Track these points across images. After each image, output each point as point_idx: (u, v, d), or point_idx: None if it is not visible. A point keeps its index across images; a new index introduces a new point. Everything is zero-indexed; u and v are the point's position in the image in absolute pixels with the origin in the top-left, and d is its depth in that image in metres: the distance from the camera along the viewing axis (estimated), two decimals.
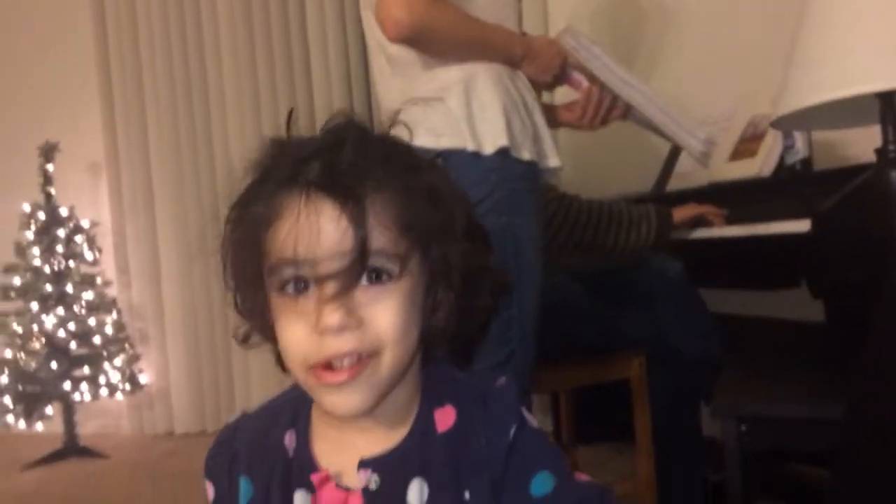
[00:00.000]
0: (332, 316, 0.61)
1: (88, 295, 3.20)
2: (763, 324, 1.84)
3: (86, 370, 3.15)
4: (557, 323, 1.50)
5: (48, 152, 3.21)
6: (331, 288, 0.62)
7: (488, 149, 1.32)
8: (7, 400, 3.09)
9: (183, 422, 3.43)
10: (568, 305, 1.72)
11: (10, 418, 3.10)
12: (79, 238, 3.23)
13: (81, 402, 3.21)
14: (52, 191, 3.22)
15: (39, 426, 3.15)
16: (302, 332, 0.63)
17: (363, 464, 0.68)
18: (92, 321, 3.19)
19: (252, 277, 0.67)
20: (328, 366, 0.63)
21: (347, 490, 0.68)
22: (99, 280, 3.27)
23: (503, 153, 1.32)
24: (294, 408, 0.74)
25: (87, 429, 3.34)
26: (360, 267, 0.62)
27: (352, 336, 0.62)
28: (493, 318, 0.76)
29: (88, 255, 3.24)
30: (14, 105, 3.64)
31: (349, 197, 0.62)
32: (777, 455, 1.77)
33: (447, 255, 0.67)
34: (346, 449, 0.69)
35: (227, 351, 3.37)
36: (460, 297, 0.69)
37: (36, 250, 3.15)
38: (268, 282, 0.66)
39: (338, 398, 0.64)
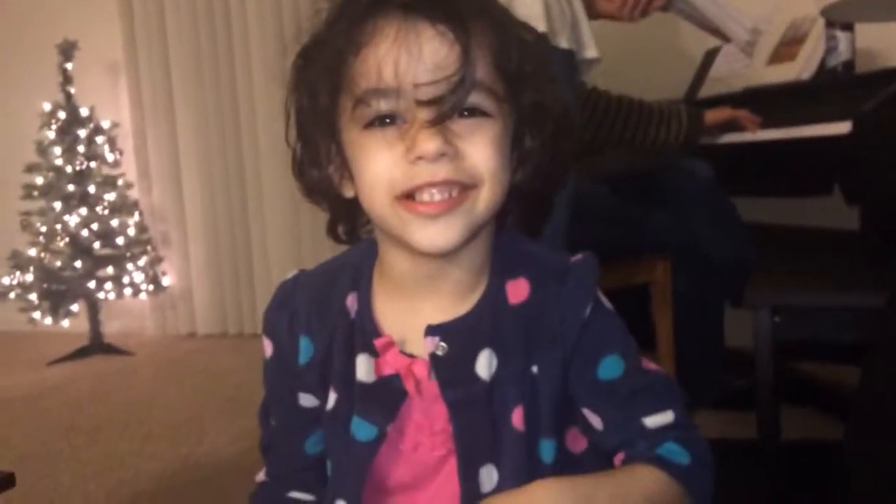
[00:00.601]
0: (431, 141, 0.57)
1: (110, 196, 3.21)
2: (794, 231, 1.81)
3: (109, 270, 3.18)
4: (581, 224, 1.48)
5: (67, 51, 3.16)
6: (429, 113, 0.57)
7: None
8: (33, 297, 3.15)
9: (205, 323, 3.50)
10: (592, 207, 1.70)
11: (36, 315, 3.17)
12: (99, 139, 3.21)
13: (106, 300, 3.27)
14: (72, 90, 3.19)
15: (66, 323, 3.22)
16: (389, 160, 0.59)
17: (431, 330, 0.65)
18: (114, 222, 3.21)
19: (325, 119, 0.63)
20: (415, 199, 0.59)
21: (412, 356, 0.66)
22: (120, 182, 3.27)
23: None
24: (355, 270, 0.70)
25: (111, 328, 3.41)
26: (466, 90, 0.58)
27: (449, 165, 0.58)
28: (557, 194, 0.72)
29: (109, 157, 3.24)
30: (30, 2, 3.56)
31: (453, 16, 0.57)
32: (798, 354, 1.77)
33: (541, 101, 0.63)
34: (411, 316, 0.66)
35: (248, 254, 3.40)
36: (547, 149, 0.65)
37: (57, 150, 3.14)
38: (349, 119, 0.61)
39: (431, 230, 0.59)
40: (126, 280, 3.21)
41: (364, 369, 0.66)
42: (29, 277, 3.16)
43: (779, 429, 1.10)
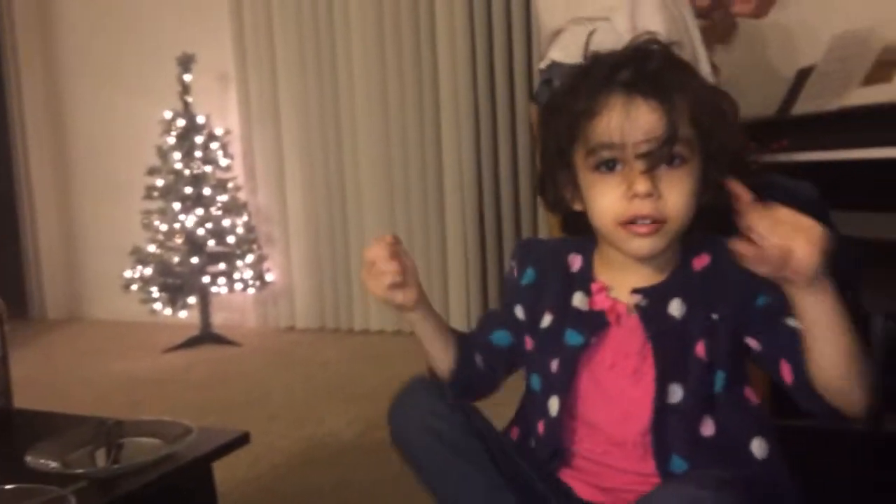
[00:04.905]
0: (644, 184, 0.84)
1: (223, 198, 3.47)
2: (890, 245, 1.92)
3: (221, 266, 3.45)
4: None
5: (185, 63, 3.42)
6: (643, 164, 0.84)
7: None
8: (154, 290, 3.43)
9: (304, 317, 3.73)
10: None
11: (157, 306, 3.46)
12: (214, 145, 3.48)
13: (217, 294, 3.53)
14: (190, 99, 3.46)
15: (183, 314, 3.49)
16: (614, 197, 0.86)
17: (636, 291, 0.92)
18: (226, 222, 3.47)
19: (565, 158, 0.91)
20: (632, 223, 0.86)
21: (616, 300, 0.93)
22: (231, 185, 3.53)
23: None
24: (579, 244, 0.99)
25: (215, 320, 3.66)
26: (669, 149, 0.84)
27: (652, 203, 0.84)
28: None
29: (223, 161, 3.50)
30: (151, 17, 3.86)
31: (662, 96, 0.83)
32: None
33: (724, 145, 0.87)
34: (619, 280, 0.94)
35: (346, 253, 3.62)
36: (728, 176, 0.86)
37: (177, 154, 3.41)
38: (583, 162, 0.88)
39: (640, 244, 0.87)
40: (237, 276, 3.47)
41: (579, 301, 0.95)
42: (148, 271, 3.45)
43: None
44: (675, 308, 0.89)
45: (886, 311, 1.13)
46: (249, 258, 3.51)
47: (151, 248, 3.46)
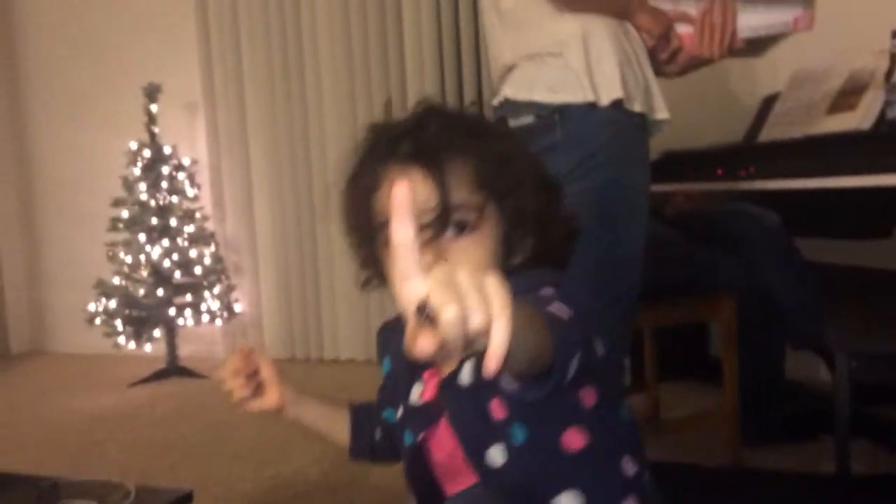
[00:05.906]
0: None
1: (190, 228, 3.41)
2: (855, 271, 1.91)
3: (188, 298, 3.38)
4: (654, 266, 1.60)
5: (152, 93, 3.38)
6: (423, 237, 0.77)
7: (604, 100, 1.40)
8: (118, 323, 3.35)
9: (274, 348, 3.67)
10: (665, 249, 1.81)
11: (121, 339, 3.37)
12: (180, 175, 3.43)
13: (184, 326, 3.46)
14: (156, 130, 3.41)
15: (148, 347, 3.41)
16: None
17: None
18: (193, 252, 3.40)
19: (365, 235, 0.86)
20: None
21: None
22: (198, 215, 3.48)
23: (617, 105, 1.40)
24: None
25: (183, 352, 3.59)
26: (445, 218, 0.78)
27: None
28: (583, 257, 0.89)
29: (190, 192, 3.44)
30: (117, 48, 3.82)
31: (432, 165, 0.79)
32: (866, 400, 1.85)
33: (520, 206, 0.82)
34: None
35: (316, 283, 3.57)
36: (537, 241, 0.84)
37: (142, 186, 3.35)
38: (378, 237, 0.83)
39: None
40: (203, 307, 3.40)
41: (415, 394, 0.90)
42: (113, 304, 3.37)
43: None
44: (465, 375, 0.83)
45: (849, 350, 1.11)
46: (217, 289, 3.45)
47: (116, 281, 3.39)
